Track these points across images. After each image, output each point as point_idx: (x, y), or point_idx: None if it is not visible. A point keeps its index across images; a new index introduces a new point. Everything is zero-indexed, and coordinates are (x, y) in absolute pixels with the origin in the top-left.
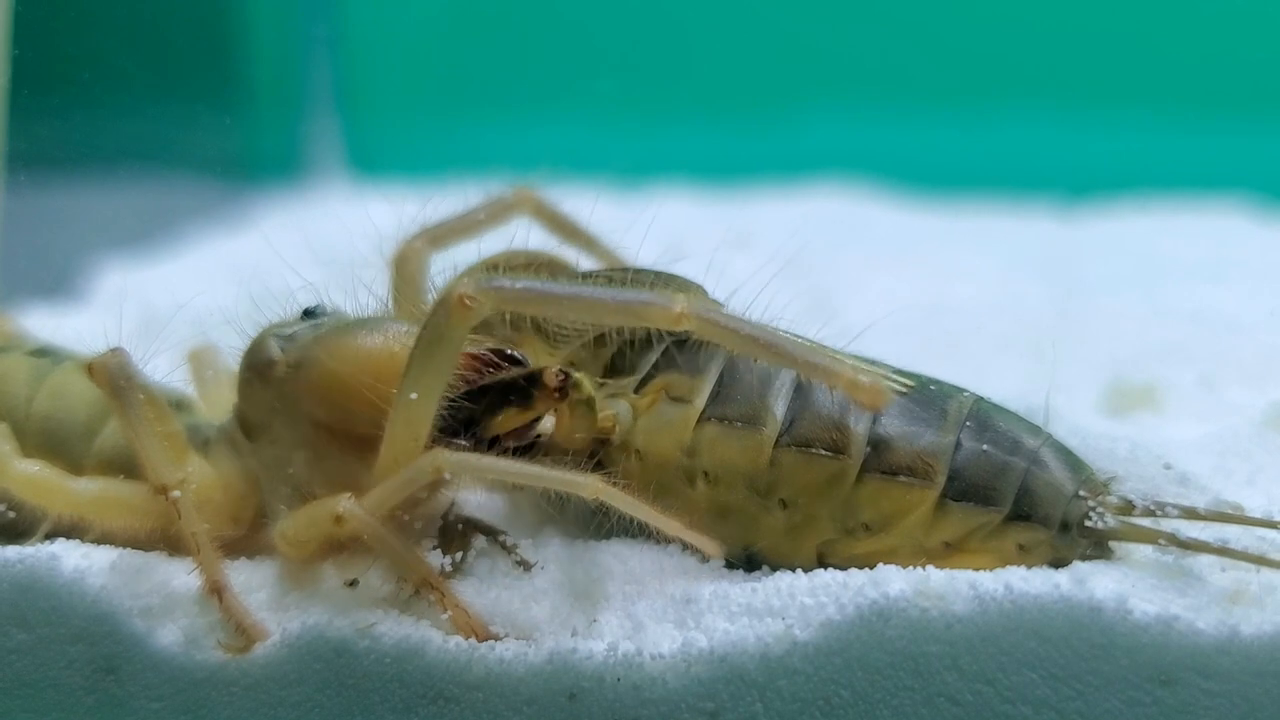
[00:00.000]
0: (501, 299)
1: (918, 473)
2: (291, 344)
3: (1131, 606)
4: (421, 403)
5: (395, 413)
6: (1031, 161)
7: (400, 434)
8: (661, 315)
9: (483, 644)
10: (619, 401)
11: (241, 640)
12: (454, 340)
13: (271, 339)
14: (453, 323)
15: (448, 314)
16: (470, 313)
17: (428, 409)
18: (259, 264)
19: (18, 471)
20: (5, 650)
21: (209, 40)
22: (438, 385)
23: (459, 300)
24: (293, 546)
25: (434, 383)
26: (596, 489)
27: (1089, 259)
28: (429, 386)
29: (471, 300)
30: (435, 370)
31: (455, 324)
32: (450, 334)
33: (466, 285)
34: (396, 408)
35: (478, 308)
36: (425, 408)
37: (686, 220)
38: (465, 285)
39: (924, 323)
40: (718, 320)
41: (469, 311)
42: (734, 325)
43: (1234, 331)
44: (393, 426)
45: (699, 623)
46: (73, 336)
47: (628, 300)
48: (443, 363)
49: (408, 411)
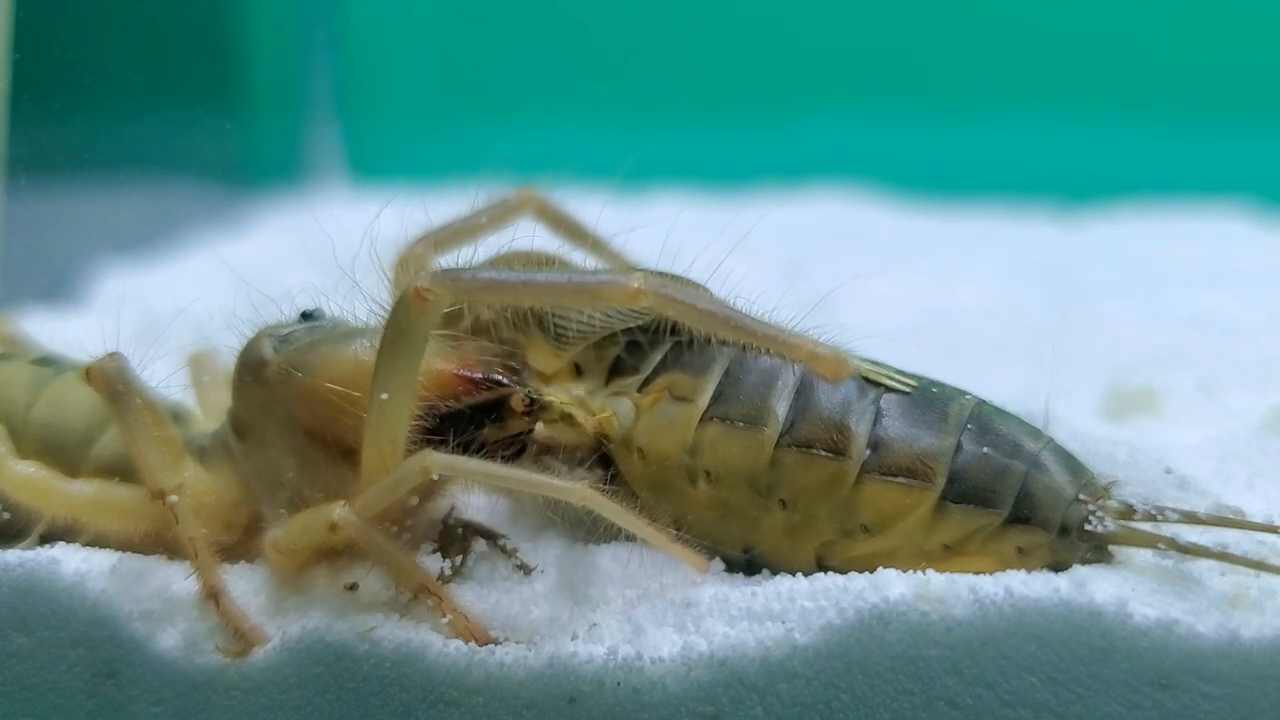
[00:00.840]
0: (458, 290)
1: (918, 474)
2: (286, 345)
3: (1131, 610)
4: (393, 403)
5: (370, 415)
6: (1031, 166)
7: (377, 435)
8: (619, 293)
9: (482, 648)
10: (622, 400)
11: (240, 644)
12: (417, 336)
13: (267, 339)
14: (412, 317)
15: (407, 308)
16: (429, 305)
17: (401, 408)
18: (259, 268)
19: (13, 472)
20: (5, 654)
21: (209, 44)
22: (407, 383)
23: (415, 294)
24: (284, 555)
25: (403, 381)
26: (584, 496)
27: (1089, 263)
28: (399, 385)
29: (428, 292)
30: (402, 368)
31: (415, 318)
32: (412, 329)
33: (423, 278)
34: (370, 410)
35: (436, 300)
36: (398, 407)
37: (687, 223)
38: (421, 279)
39: (924, 327)
40: (674, 296)
41: (427, 305)
42: (690, 300)
43: (1234, 336)
44: (369, 429)
45: (699, 626)
46: (72, 340)
47: (584, 282)
48: (408, 360)
49: (381, 412)
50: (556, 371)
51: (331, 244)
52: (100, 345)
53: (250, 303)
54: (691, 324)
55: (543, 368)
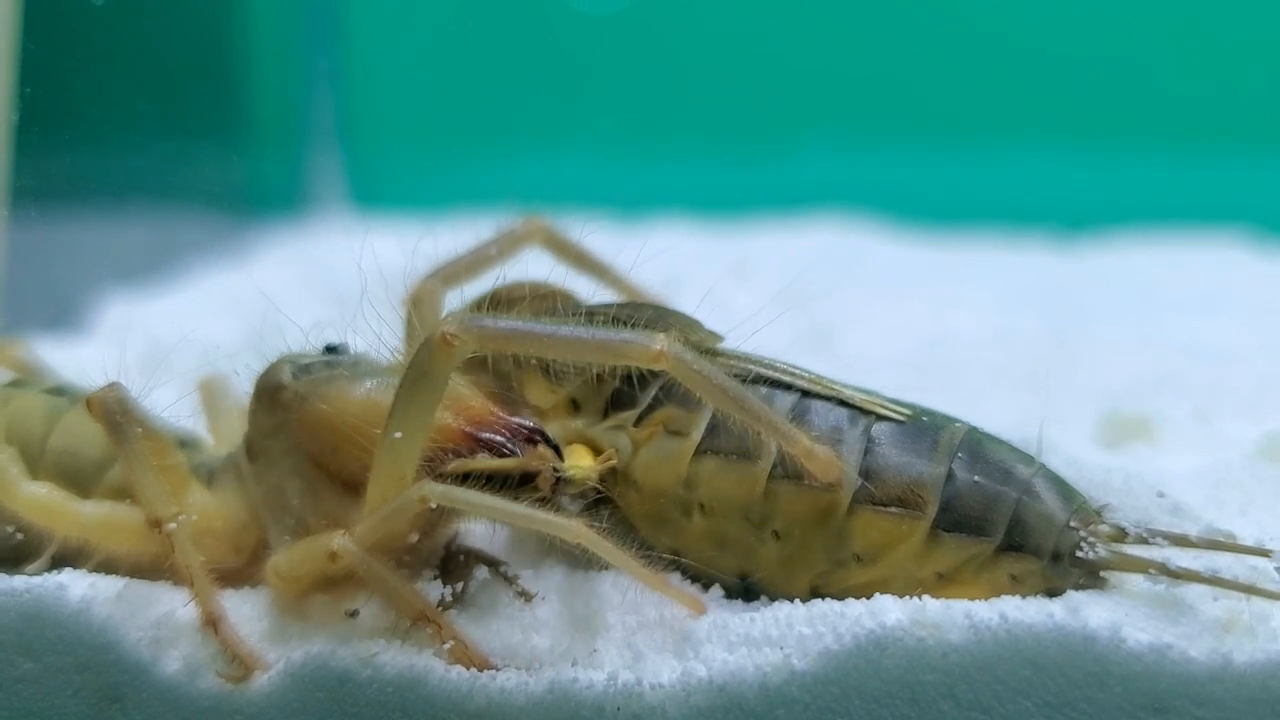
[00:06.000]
0: (484, 338)
1: (909, 504)
2: (305, 374)
3: (1125, 635)
4: (406, 441)
5: (381, 451)
6: (1028, 194)
7: (386, 472)
8: (641, 354)
9: (484, 674)
10: (619, 435)
11: (239, 670)
12: (438, 378)
13: (287, 365)
14: (436, 360)
15: (431, 352)
16: (454, 351)
17: (413, 448)
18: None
19: (26, 493)
20: (12, 679)
21: (212, 76)
22: (423, 424)
23: (442, 338)
24: (285, 582)
25: (419, 422)
26: (579, 534)
27: (1086, 291)
28: (414, 425)
29: (455, 339)
30: (419, 409)
31: (439, 362)
32: (434, 372)
33: (450, 324)
34: (382, 446)
35: (461, 346)
36: (410, 446)
37: (686, 253)
38: (449, 324)
39: (921, 355)
40: (692, 366)
41: (452, 350)
42: (707, 373)
43: (1229, 363)
44: (378, 464)
45: (698, 652)
46: (77, 368)
47: (608, 340)
48: (426, 401)
49: (393, 450)
50: (553, 406)
51: (335, 275)
52: (104, 374)
53: (262, 331)
54: (702, 395)
55: (539, 402)
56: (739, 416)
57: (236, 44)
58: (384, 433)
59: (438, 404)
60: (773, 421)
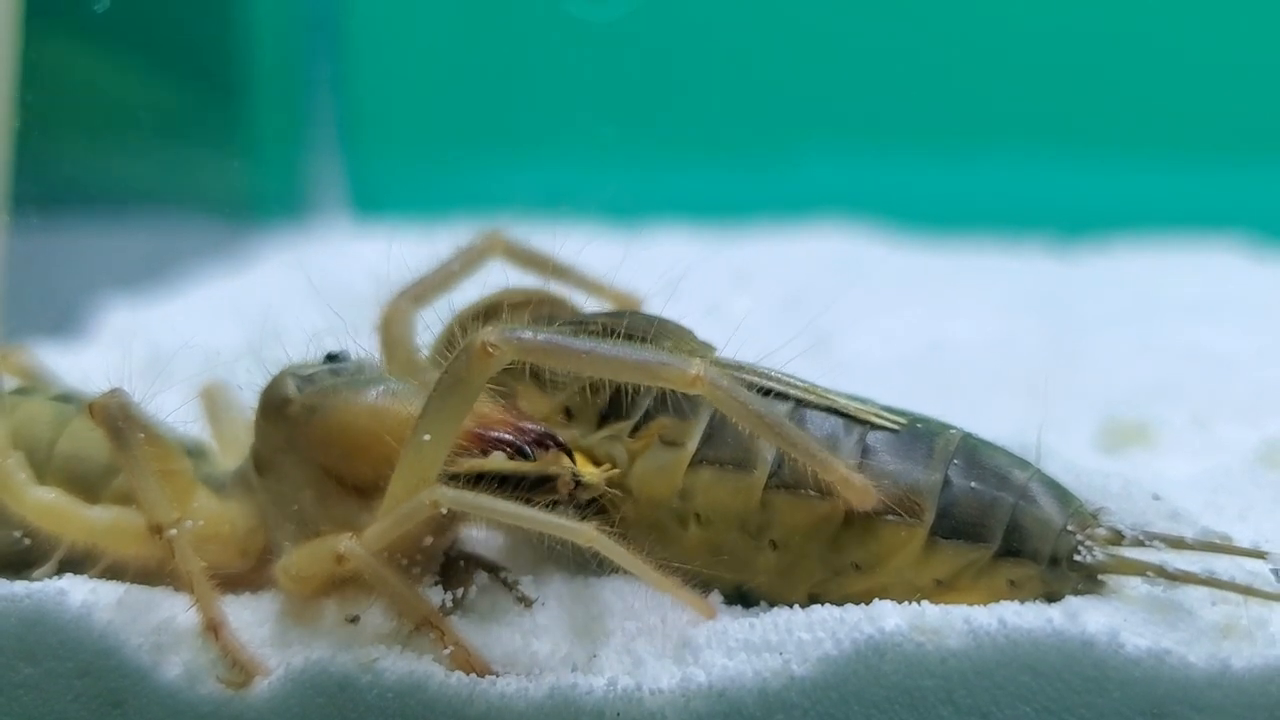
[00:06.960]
0: (522, 350)
1: (906, 511)
2: (310, 385)
3: (1124, 640)
4: (433, 445)
5: (406, 454)
6: (1027, 201)
7: (409, 474)
8: (677, 377)
9: (484, 679)
10: (615, 445)
11: (239, 675)
12: (472, 386)
13: (290, 378)
14: (473, 369)
15: (469, 360)
16: (491, 360)
17: (439, 452)
18: (261, 303)
19: (33, 499)
20: (13, 685)
21: (214, 82)
22: (451, 429)
23: (481, 348)
24: (295, 582)
25: (448, 427)
26: (591, 538)
27: (1084, 297)
28: (442, 430)
29: (494, 349)
30: (450, 415)
31: (475, 370)
32: (469, 380)
33: (490, 334)
34: (408, 449)
35: (499, 356)
36: (436, 450)
37: (686, 259)
38: (489, 334)
39: (921, 361)
40: (727, 390)
41: (490, 359)
42: (742, 398)
43: (1227, 368)
44: (403, 465)
45: (698, 658)
46: (79, 374)
47: (645, 360)
48: (458, 407)
49: (419, 453)
50: (546, 415)
51: (334, 282)
52: (106, 380)
53: (268, 336)
54: (736, 420)
55: (533, 411)
56: (774, 441)
57: (237, 50)
58: (413, 434)
59: (468, 411)
60: (808, 447)
